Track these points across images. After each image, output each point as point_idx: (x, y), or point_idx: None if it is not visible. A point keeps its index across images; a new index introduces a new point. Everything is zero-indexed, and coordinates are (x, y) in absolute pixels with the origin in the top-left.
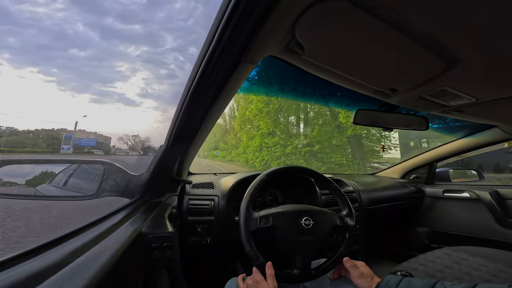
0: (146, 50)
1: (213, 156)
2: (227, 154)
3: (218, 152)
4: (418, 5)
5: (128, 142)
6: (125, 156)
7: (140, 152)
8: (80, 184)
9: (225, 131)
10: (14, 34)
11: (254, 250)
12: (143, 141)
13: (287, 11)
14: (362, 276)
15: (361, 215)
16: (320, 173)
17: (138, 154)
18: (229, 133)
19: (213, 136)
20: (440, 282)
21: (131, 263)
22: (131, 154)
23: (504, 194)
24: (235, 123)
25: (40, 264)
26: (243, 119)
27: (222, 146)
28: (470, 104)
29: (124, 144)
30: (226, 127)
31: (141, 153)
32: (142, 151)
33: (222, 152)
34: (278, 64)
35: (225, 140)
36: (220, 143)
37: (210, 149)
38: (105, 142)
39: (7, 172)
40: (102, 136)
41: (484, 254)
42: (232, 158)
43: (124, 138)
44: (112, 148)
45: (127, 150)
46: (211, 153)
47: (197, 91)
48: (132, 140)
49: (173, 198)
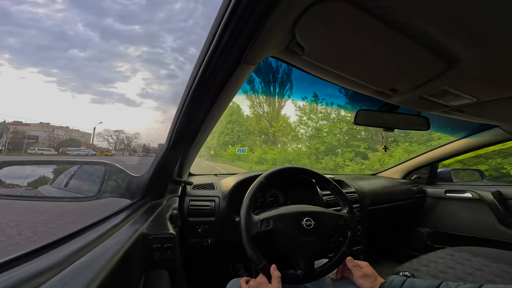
0: (146, 50)
1: (230, 155)
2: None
3: (242, 149)
4: (418, 6)
5: (109, 139)
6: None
7: (111, 152)
8: (81, 185)
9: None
10: (15, 34)
11: (256, 253)
12: (131, 138)
13: (287, 12)
14: (365, 276)
15: (362, 216)
16: (320, 174)
17: (106, 154)
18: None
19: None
20: (444, 282)
21: (132, 264)
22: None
23: (506, 194)
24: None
25: (41, 265)
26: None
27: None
28: (471, 104)
29: (104, 141)
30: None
31: (113, 153)
32: (127, 151)
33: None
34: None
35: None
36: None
37: (224, 144)
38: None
39: (8, 173)
40: (79, 132)
41: (487, 254)
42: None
43: (104, 134)
44: (82, 147)
45: (100, 149)
46: (227, 151)
47: (197, 92)
48: (115, 136)
49: (174, 199)
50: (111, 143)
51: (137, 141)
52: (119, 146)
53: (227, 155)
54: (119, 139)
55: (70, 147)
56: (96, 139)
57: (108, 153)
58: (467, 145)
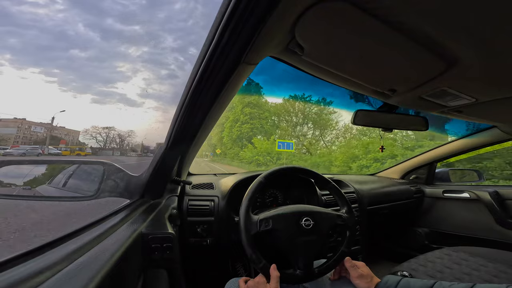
0: (146, 50)
1: (257, 153)
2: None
3: (287, 143)
4: (417, 6)
5: (98, 137)
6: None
7: (84, 151)
8: (79, 184)
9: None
10: (15, 35)
11: (255, 253)
12: (123, 136)
13: (287, 12)
14: (362, 277)
15: (361, 215)
16: (319, 173)
17: (79, 154)
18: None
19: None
20: (439, 282)
21: (131, 263)
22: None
23: (503, 194)
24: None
25: (40, 264)
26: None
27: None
28: (469, 104)
29: (92, 139)
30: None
31: (87, 152)
32: (118, 150)
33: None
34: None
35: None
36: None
37: (239, 138)
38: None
39: (6, 172)
40: (64, 129)
41: (484, 254)
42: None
43: (91, 131)
44: (61, 145)
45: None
46: (248, 148)
47: (196, 91)
48: (104, 133)
49: (173, 199)
50: (100, 142)
51: (131, 140)
52: (110, 145)
53: (250, 153)
54: (110, 137)
55: (48, 145)
56: (83, 137)
57: (81, 153)
58: (465, 146)
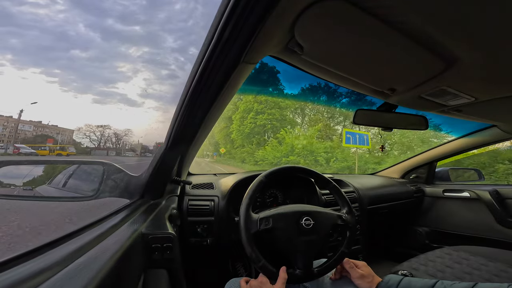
0: (147, 51)
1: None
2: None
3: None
4: (417, 5)
5: (92, 136)
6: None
7: (66, 151)
8: (79, 185)
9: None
10: (16, 35)
11: (255, 252)
12: (120, 135)
13: (286, 11)
14: (363, 277)
15: (361, 215)
16: (319, 173)
17: (59, 153)
18: None
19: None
20: (440, 281)
21: (131, 263)
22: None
23: (504, 194)
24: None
25: (40, 264)
26: None
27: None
28: (469, 103)
29: (85, 138)
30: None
31: (69, 152)
32: (114, 150)
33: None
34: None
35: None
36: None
37: (253, 133)
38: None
39: (6, 173)
40: (56, 128)
41: (484, 253)
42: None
43: (84, 129)
44: (49, 143)
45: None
46: (270, 145)
47: (196, 91)
48: (99, 132)
49: (173, 199)
50: (94, 141)
51: (129, 139)
52: (105, 144)
53: (274, 152)
54: (105, 136)
55: (33, 144)
56: (75, 136)
57: (63, 152)
58: (465, 145)
